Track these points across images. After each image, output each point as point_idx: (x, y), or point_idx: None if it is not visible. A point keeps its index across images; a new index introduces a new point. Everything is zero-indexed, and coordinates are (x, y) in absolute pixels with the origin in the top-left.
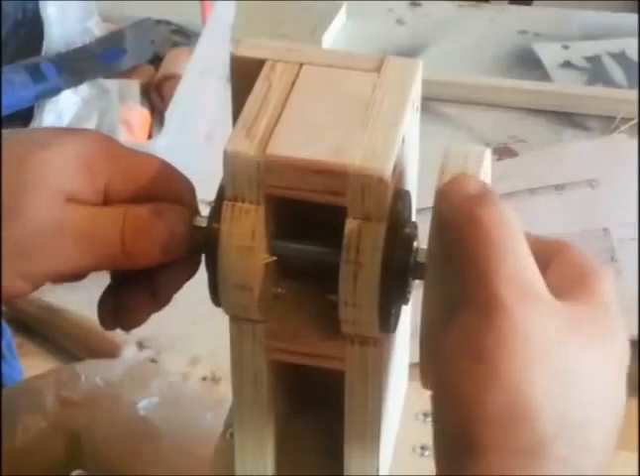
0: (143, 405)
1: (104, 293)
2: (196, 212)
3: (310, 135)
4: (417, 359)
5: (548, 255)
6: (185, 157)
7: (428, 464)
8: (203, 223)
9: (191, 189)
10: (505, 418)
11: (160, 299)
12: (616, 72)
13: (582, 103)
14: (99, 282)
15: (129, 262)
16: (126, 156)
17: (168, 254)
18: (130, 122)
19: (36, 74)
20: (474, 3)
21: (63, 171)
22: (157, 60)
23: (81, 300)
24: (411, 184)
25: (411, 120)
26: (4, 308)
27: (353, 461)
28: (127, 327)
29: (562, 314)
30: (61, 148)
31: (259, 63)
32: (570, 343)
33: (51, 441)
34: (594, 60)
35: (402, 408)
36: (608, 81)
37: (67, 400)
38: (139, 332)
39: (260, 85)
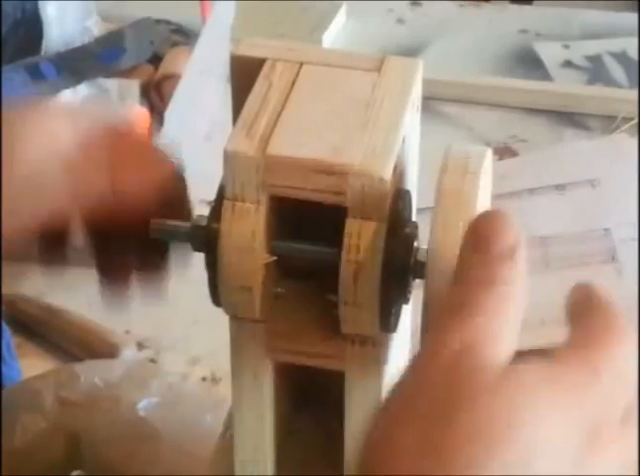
0: (142, 405)
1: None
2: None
3: (310, 134)
4: None
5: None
6: (185, 157)
7: None
8: (203, 222)
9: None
10: None
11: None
12: (617, 72)
13: (582, 103)
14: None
15: (118, 202)
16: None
17: (158, 190)
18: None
19: (35, 74)
20: (474, 2)
21: (52, 125)
22: (156, 60)
23: (80, 301)
24: (411, 184)
25: (411, 120)
26: (4, 309)
27: (353, 461)
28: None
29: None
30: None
31: (258, 63)
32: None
33: (50, 442)
34: (595, 60)
35: None
36: (609, 81)
37: (67, 400)
38: (138, 333)
39: (260, 85)
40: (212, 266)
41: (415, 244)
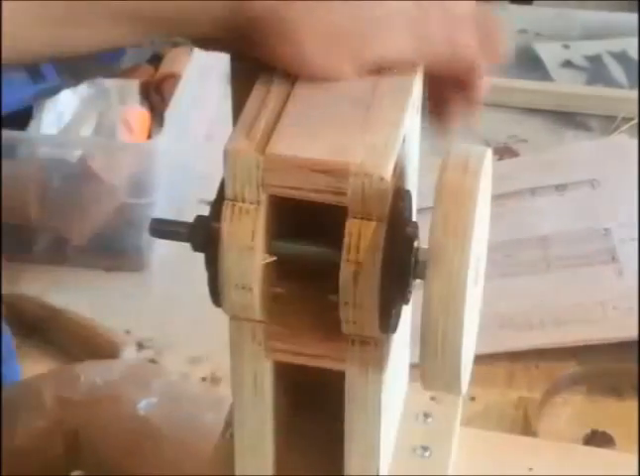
0: (143, 405)
1: None
2: None
3: (311, 134)
4: (417, 359)
5: None
6: (185, 157)
7: (428, 465)
8: (203, 222)
9: None
10: None
11: None
12: (617, 72)
13: (582, 103)
14: (98, 283)
15: (456, 58)
16: None
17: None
18: (129, 122)
19: (35, 74)
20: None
21: None
22: (156, 60)
23: (81, 301)
24: (411, 184)
25: (412, 120)
26: (4, 309)
27: (353, 461)
28: None
29: None
30: None
31: (259, 63)
32: None
33: (50, 441)
34: (595, 60)
35: (402, 408)
36: (609, 81)
37: (67, 400)
38: (139, 332)
39: (260, 85)
40: (212, 266)
41: (415, 244)
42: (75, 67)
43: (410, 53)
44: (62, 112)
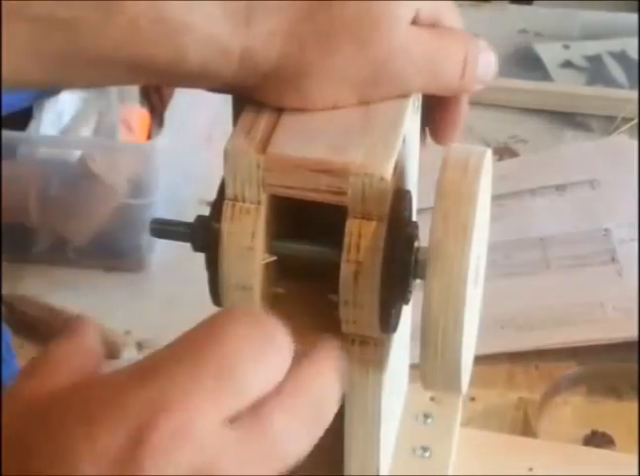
0: None
1: None
2: None
3: (311, 134)
4: (417, 359)
5: None
6: (185, 157)
7: (428, 465)
8: (203, 222)
9: None
10: None
11: None
12: (617, 72)
13: (582, 103)
14: (98, 283)
15: (460, 91)
16: None
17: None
18: (129, 122)
19: None
20: (474, 2)
21: None
22: None
23: (80, 301)
24: (411, 184)
25: (412, 120)
26: (4, 309)
27: (353, 461)
28: None
29: None
30: None
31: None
32: None
33: None
34: (595, 60)
35: (402, 408)
36: (609, 81)
37: None
38: (138, 333)
39: None
40: (212, 266)
41: (415, 244)
42: None
43: (418, 88)
44: (62, 112)
